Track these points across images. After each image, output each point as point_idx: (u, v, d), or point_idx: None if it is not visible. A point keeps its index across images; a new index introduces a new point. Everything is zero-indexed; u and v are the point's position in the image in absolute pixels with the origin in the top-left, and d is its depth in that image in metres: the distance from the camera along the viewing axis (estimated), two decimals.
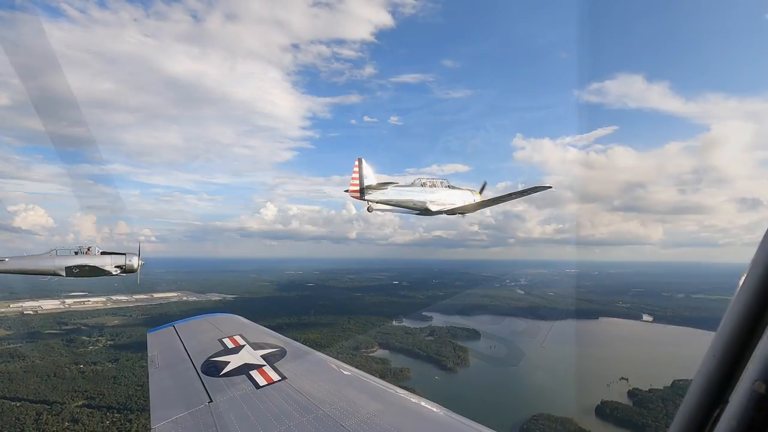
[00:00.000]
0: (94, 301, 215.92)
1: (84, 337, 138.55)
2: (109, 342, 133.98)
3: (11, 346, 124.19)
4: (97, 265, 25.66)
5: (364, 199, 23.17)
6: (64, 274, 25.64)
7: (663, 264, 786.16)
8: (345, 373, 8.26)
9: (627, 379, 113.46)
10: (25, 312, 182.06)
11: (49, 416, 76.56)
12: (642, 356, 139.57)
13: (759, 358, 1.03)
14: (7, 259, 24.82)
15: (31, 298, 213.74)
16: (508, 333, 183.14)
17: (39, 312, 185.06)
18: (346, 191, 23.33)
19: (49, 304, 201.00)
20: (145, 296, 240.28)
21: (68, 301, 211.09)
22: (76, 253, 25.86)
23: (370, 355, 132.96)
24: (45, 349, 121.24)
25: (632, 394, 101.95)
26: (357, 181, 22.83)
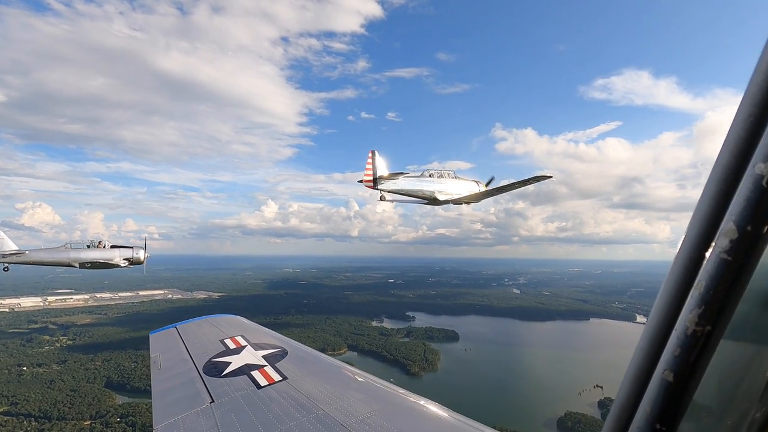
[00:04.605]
0: (77, 299, 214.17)
1: (46, 337, 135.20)
2: (68, 342, 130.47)
3: None
4: (107, 258, 28.60)
5: (378, 189, 24.69)
6: (77, 266, 28.11)
7: (670, 263, 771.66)
8: (346, 373, 8.15)
9: (602, 387, 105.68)
10: (0, 310, 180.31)
11: None
12: (625, 361, 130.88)
13: (669, 349, 1.21)
14: (27, 252, 27.71)
15: (15, 295, 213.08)
16: (490, 335, 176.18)
17: (16, 309, 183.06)
18: (360, 181, 25.02)
19: (29, 302, 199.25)
20: (131, 294, 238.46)
21: (50, 298, 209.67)
22: (89, 246, 28.63)
23: (335, 357, 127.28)
24: None
25: (603, 404, 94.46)
26: (371, 172, 24.50)
